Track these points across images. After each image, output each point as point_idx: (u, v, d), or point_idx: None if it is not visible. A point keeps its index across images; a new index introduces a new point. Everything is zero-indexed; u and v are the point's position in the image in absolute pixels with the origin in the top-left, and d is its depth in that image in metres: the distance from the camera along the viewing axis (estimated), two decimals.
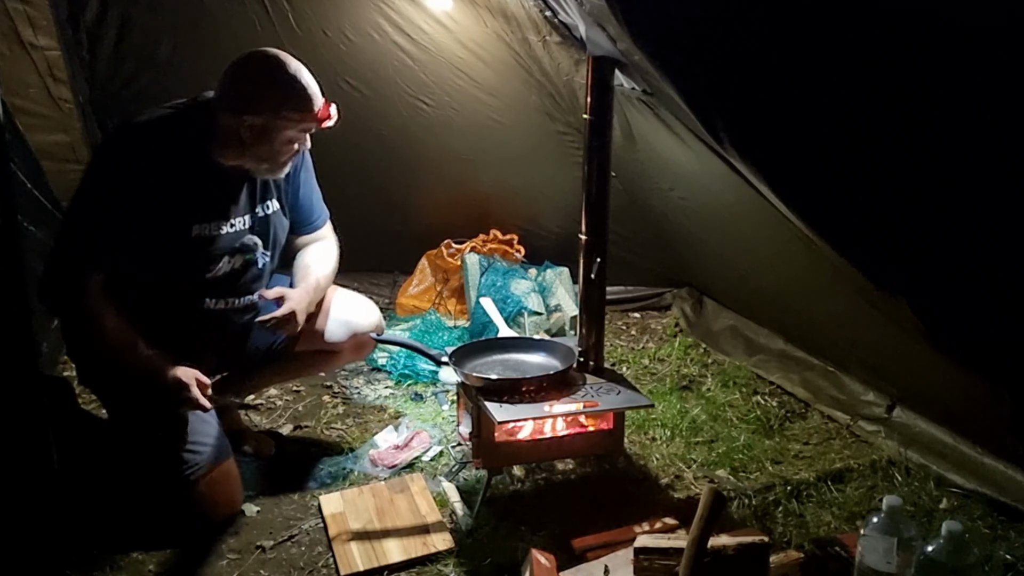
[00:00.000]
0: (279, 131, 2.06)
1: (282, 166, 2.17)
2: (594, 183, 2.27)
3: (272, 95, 2.03)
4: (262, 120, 2.03)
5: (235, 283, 2.24)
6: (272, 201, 2.28)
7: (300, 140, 2.14)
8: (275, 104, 2.03)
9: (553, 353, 2.41)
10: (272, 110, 2.03)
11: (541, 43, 3.19)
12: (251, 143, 2.07)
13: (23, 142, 2.91)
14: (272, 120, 2.04)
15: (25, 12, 2.94)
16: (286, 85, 2.04)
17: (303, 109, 2.06)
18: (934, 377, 2.28)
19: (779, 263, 2.67)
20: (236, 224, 2.18)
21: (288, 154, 2.14)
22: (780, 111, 1.67)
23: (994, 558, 1.99)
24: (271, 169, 2.15)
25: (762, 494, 2.31)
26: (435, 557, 2.04)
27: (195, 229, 2.10)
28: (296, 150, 2.15)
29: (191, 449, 2.12)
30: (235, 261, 2.21)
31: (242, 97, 2.04)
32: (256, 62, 2.06)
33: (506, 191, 3.77)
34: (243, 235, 2.21)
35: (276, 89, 2.04)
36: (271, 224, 2.28)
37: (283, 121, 2.05)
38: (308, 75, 2.09)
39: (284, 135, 2.08)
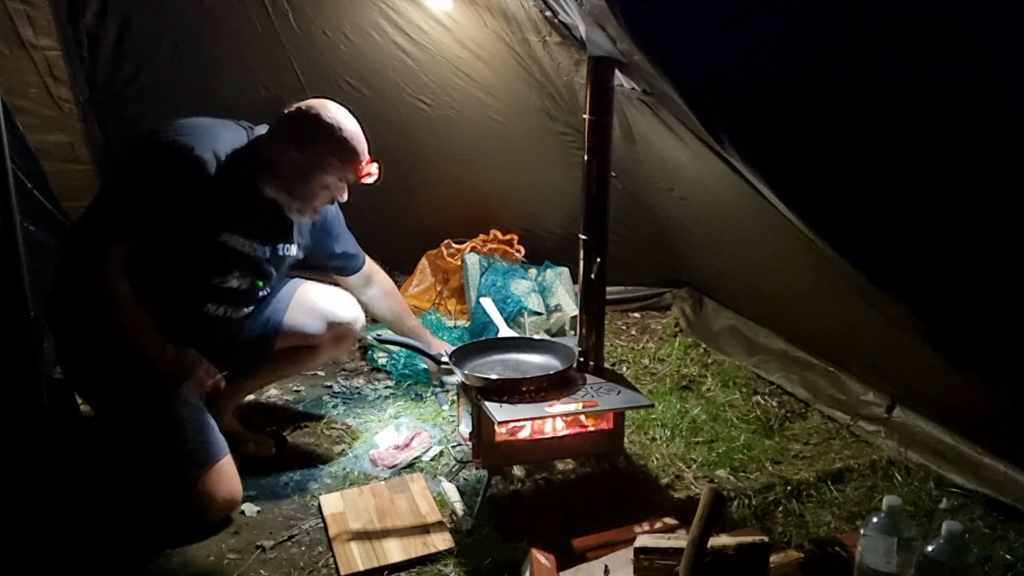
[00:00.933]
0: (319, 174, 2.17)
1: (313, 210, 2.27)
2: (594, 183, 2.27)
3: (322, 139, 2.15)
4: (306, 159, 2.15)
5: (238, 298, 2.32)
6: (292, 246, 2.39)
7: (337, 190, 2.24)
8: (323, 147, 2.15)
9: (553, 353, 2.41)
10: (318, 152, 2.15)
11: (541, 43, 3.20)
12: (290, 179, 2.17)
13: (23, 142, 2.91)
14: (315, 161, 2.16)
15: (25, 12, 2.95)
16: (338, 133, 2.16)
17: (346, 159, 2.18)
18: (934, 377, 2.28)
19: (779, 263, 2.67)
20: (258, 250, 2.27)
21: (322, 199, 2.24)
22: (780, 111, 1.68)
23: (994, 558, 1.99)
24: (302, 209, 2.25)
25: (762, 494, 2.31)
26: (435, 557, 2.04)
27: (223, 236, 2.18)
28: (330, 197, 2.25)
29: (189, 449, 2.12)
30: (243, 281, 2.29)
31: (294, 133, 2.16)
32: (318, 107, 2.18)
33: (506, 191, 3.77)
34: (262, 262, 2.30)
35: (327, 134, 2.15)
36: (282, 264, 2.40)
37: (325, 165, 2.16)
38: (359, 131, 2.22)
39: (323, 179, 2.19)
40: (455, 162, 3.67)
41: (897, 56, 1.51)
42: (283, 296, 2.51)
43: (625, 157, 3.03)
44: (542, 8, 3.06)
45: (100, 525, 2.12)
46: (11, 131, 2.58)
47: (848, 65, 1.56)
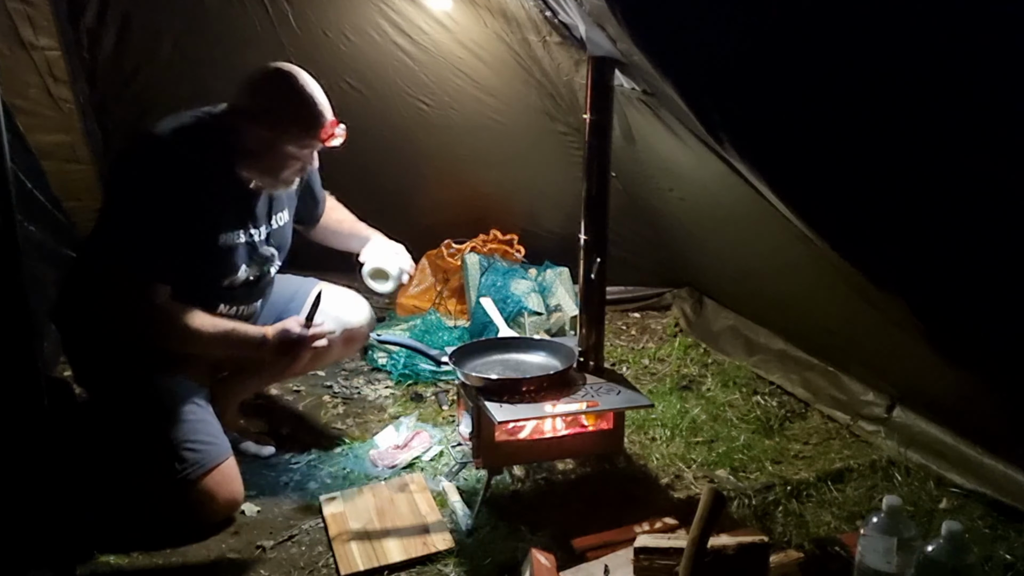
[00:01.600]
0: (281, 144, 2.10)
1: (284, 182, 2.21)
2: (594, 183, 2.27)
3: (278, 108, 2.08)
4: (266, 131, 2.08)
5: (249, 292, 2.31)
6: (284, 212, 2.35)
7: (303, 158, 2.17)
8: (280, 118, 2.08)
9: (553, 353, 2.41)
10: (276, 123, 2.08)
11: (541, 43, 3.19)
12: (257, 154, 2.11)
13: (23, 142, 2.91)
14: (276, 133, 2.08)
15: (25, 12, 2.95)
16: (293, 100, 2.08)
17: (305, 126, 2.10)
18: (934, 377, 2.28)
19: (779, 263, 2.67)
20: (255, 234, 2.24)
21: (290, 169, 2.17)
22: (780, 111, 1.67)
23: (994, 558, 1.99)
24: (273, 183, 2.19)
25: (762, 494, 2.31)
26: (435, 557, 2.04)
27: (222, 238, 2.15)
28: (300, 167, 2.19)
29: (190, 448, 2.12)
30: (252, 271, 2.27)
31: (251, 108, 2.09)
32: (269, 75, 2.11)
33: (506, 191, 3.77)
34: (261, 246, 2.27)
35: (283, 103, 2.08)
36: (283, 234, 2.37)
37: (285, 135, 2.09)
38: (320, 94, 2.12)
39: (286, 149, 2.11)
40: (455, 162, 3.67)
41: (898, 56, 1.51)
42: (296, 296, 2.50)
43: (625, 157, 3.03)
44: (542, 8, 3.06)
45: (100, 524, 2.12)
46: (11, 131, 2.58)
47: (849, 65, 1.56)
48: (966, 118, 1.52)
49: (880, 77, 1.55)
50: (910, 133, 1.59)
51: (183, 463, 2.10)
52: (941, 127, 1.55)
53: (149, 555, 2.07)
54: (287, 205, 2.36)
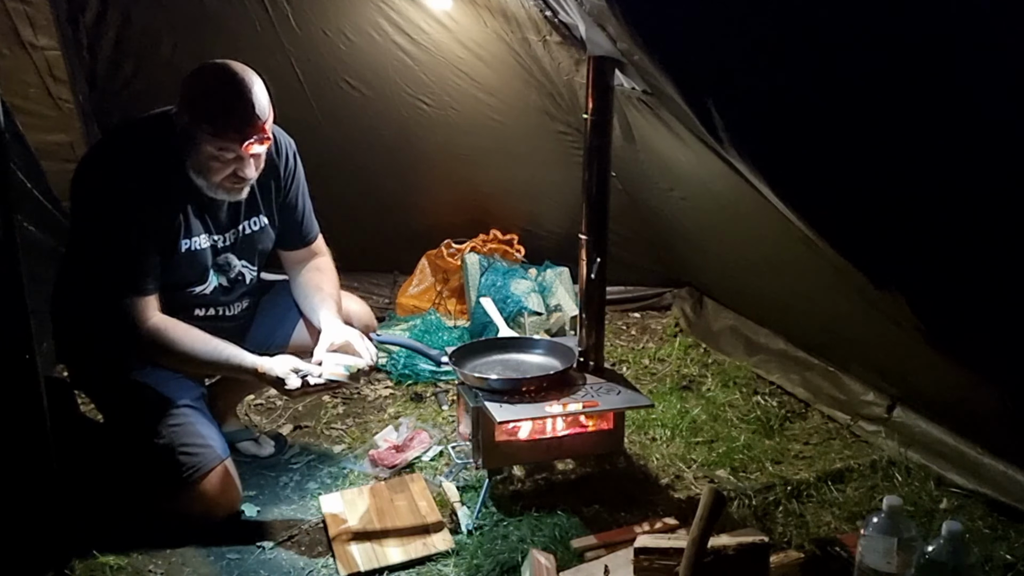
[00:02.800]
0: (201, 143, 1.99)
1: (221, 187, 2.07)
2: (594, 183, 2.27)
3: (198, 103, 1.98)
4: (188, 127, 1.99)
5: (224, 295, 2.26)
6: (260, 217, 2.27)
7: (228, 162, 2.02)
8: (197, 113, 1.98)
9: (553, 353, 2.41)
10: (194, 118, 1.98)
11: (541, 43, 3.19)
12: (185, 151, 2.03)
13: (23, 142, 2.91)
14: (194, 129, 1.98)
15: (25, 12, 2.94)
16: (213, 96, 1.97)
17: (219, 124, 1.96)
18: (934, 377, 2.28)
19: (779, 263, 2.67)
20: (218, 240, 2.19)
21: (221, 173, 2.04)
22: (780, 111, 1.67)
23: (994, 558, 1.99)
24: (210, 187, 2.07)
25: (762, 494, 2.31)
26: (435, 557, 2.04)
27: (183, 244, 2.11)
28: (232, 172, 2.05)
29: (186, 451, 2.11)
30: (222, 277, 2.23)
31: (180, 101, 2.01)
32: (201, 70, 2.02)
33: (506, 191, 3.77)
34: (223, 252, 2.21)
35: (203, 99, 1.98)
36: (255, 240, 2.28)
37: (201, 132, 1.98)
38: (250, 93, 1.98)
39: (205, 149, 2.00)
40: (455, 162, 3.67)
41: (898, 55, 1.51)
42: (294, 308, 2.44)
43: (625, 157, 3.03)
44: (542, 8, 3.06)
45: (101, 524, 2.12)
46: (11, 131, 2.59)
47: (849, 65, 1.56)
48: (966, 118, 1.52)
49: (880, 76, 1.54)
50: (910, 133, 1.59)
51: (180, 467, 2.09)
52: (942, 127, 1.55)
53: (149, 555, 2.07)
54: (264, 211, 2.27)
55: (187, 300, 2.19)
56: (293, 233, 2.39)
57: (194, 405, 2.19)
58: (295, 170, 2.33)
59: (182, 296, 2.18)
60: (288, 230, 2.38)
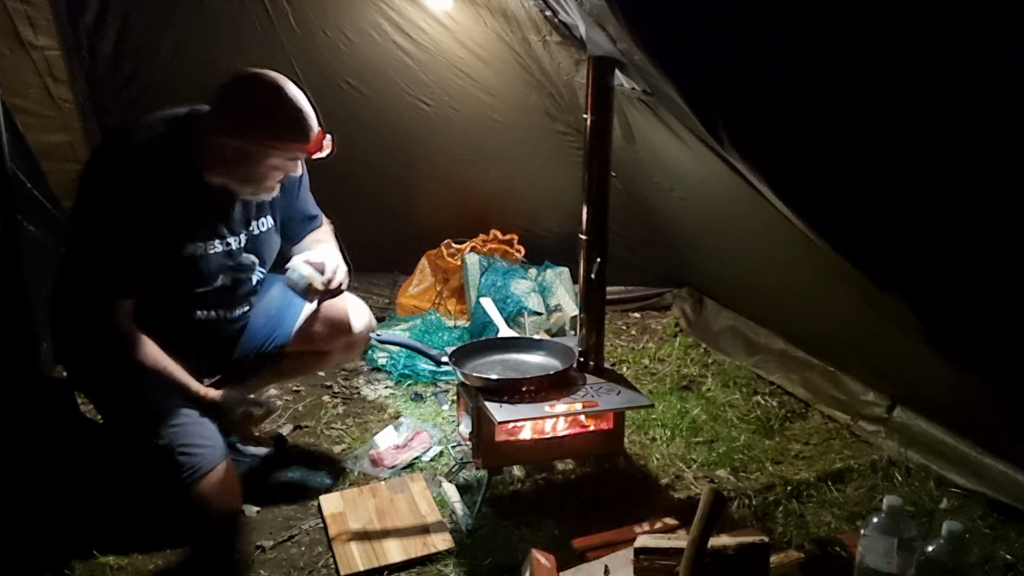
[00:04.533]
0: (266, 157, 2.03)
1: (267, 189, 2.13)
2: (594, 183, 2.27)
3: (264, 122, 2.00)
4: (250, 145, 2.01)
5: (227, 298, 2.26)
6: (267, 218, 2.28)
7: (288, 168, 2.10)
8: (265, 131, 2.00)
9: (553, 353, 2.41)
10: (262, 137, 2.00)
11: (541, 43, 3.19)
12: (237, 166, 2.04)
13: (23, 142, 2.91)
14: (260, 147, 2.01)
15: (25, 12, 2.95)
16: (279, 113, 2.00)
17: (292, 140, 2.03)
18: (934, 377, 2.28)
19: (779, 263, 2.67)
20: (231, 243, 2.19)
21: (274, 179, 2.11)
22: (780, 111, 1.67)
23: (994, 558, 1.99)
24: (255, 192, 2.13)
25: (762, 494, 2.31)
26: (435, 557, 2.04)
27: (187, 248, 2.10)
28: (283, 176, 2.13)
29: (186, 452, 2.11)
30: (227, 279, 2.22)
31: (234, 119, 2.00)
32: (253, 85, 2.02)
33: (506, 191, 3.77)
34: (238, 254, 2.22)
35: (268, 116, 2.00)
36: (264, 241, 2.29)
37: (271, 149, 2.02)
38: (305, 104, 2.04)
39: (271, 161, 2.05)
40: (455, 162, 3.67)
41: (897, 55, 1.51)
42: (295, 301, 2.45)
43: (625, 157, 3.03)
44: (542, 8, 3.06)
45: (101, 525, 2.12)
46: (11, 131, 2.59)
47: (849, 64, 1.56)
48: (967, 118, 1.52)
49: (880, 76, 1.55)
50: (911, 133, 1.59)
51: (179, 468, 2.09)
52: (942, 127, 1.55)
53: (149, 555, 2.06)
54: (269, 212, 2.29)
55: (190, 302, 2.19)
56: (300, 224, 2.43)
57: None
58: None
59: (186, 297, 2.17)
60: (295, 222, 2.41)
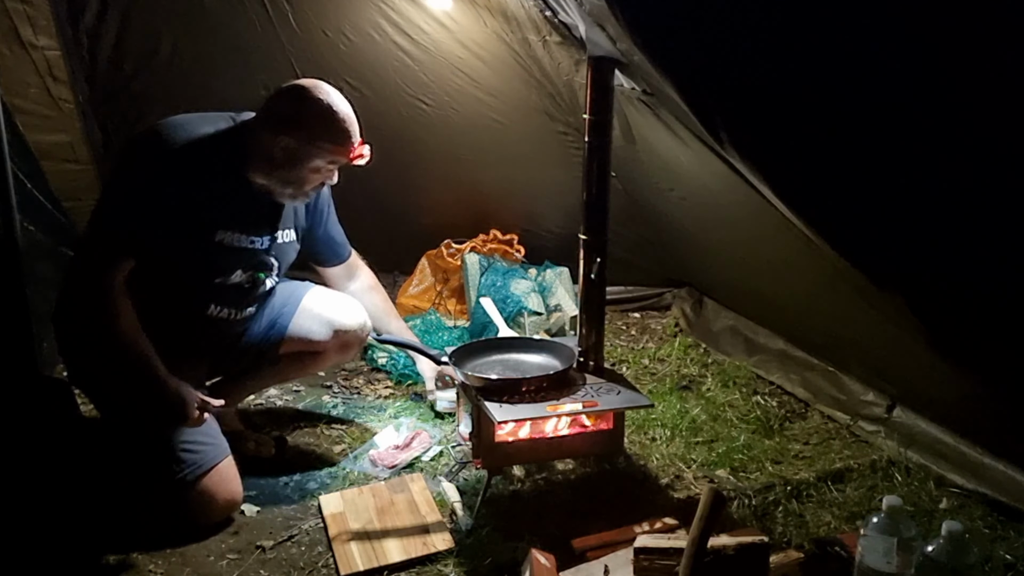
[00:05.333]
0: (310, 157, 2.12)
1: (305, 194, 2.23)
2: (594, 183, 2.27)
3: (312, 121, 2.10)
4: (296, 143, 2.10)
5: (241, 296, 2.29)
6: (290, 231, 2.35)
7: (328, 173, 2.20)
8: (313, 130, 2.10)
9: (553, 353, 2.41)
10: (308, 135, 2.10)
11: (541, 43, 3.19)
12: (281, 164, 2.13)
13: (23, 142, 2.91)
14: (306, 145, 2.10)
15: (25, 12, 2.95)
16: (328, 115, 2.11)
17: (338, 142, 2.13)
18: (934, 377, 2.28)
19: (779, 263, 2.67)
20: (256, 242, 2.24)
21: (313, 183, 2.20)
22: (780, 111, 1.67)
23: (994, 558, 1.99)
24: (294, 194, 2.21)
25: (762, 494, 2.31)
26: (435, 557, 2.04)
27: (219, 235, 2.15)
28: (322, 182, 2.22)
29: (189, 449, 2.12)
30: (246, 277, 2.26)
31: (284, 117, 2.11)
32: (307, 90, 2.13)
33: (506, 191, 3.77)
34: (261, 254, 2.27)
35: (318, 116, 2.10)
36: (285, 251, 2.36)
37: (316, 149, 2.11)
38: (351, 113, 2.16)
39: (314, 163, 2.14)
40: (455, 162, 3.67)
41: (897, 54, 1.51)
42: (290, 301, 2.48)
43: (625, 157, 3.03)
44: (542, 8, 3.05)
45: (100, 525, 2.12)
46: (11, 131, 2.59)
47: (848, 64, 1.56)
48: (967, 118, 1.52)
49: (880, 76, 1.55)
50: (911, 133, 1.59)
51: (181, 464, 2.10)
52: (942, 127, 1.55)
53: (149, 555, 2.06)
54: (293, 226, 2.37)
55: (207, 293, 2.21)
56: (332, 249, 2.55)
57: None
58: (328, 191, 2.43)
59: (205, 286, 2.20)
60: (326, 246, 2.53)
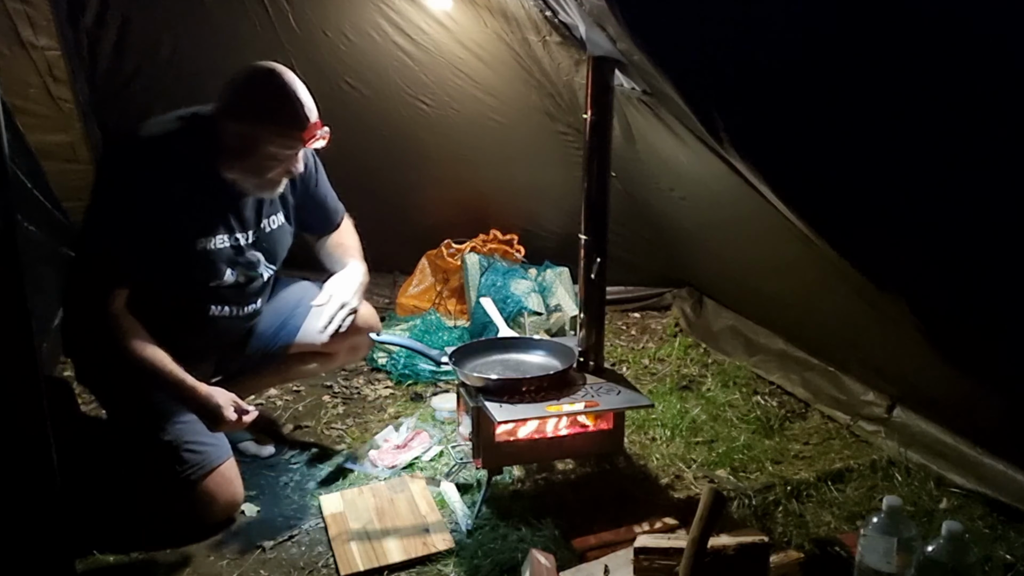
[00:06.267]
0: (262, 143, 2.05)
1: (269, 184, 2.14)
2: (594, 183, 2.27)
3: (259, 105, 2.04)
4: (247, 128, 2.04)
5: (240, 293, 2.27)
6: (278, 215, 2.31)
7: (286, 159, 2.10)
8: (260, 114, 2.03)
9: (553, 353, 2.41)
10: (256, 119, 2.03)
11: (541, 43, 3.19)
12: (237, 153, 2.07)
13: (23, 142, 2.91)
14: (256, 129, 2.04)
15: (25, 12, 2.95)
16: (275, 97, 2.04)
17: (286, 124, 2.04)
18: (934, 377, 2.28)
19: (779, 263, 2.67)
20: (240, 238, 2.21)
21: (273, 171, 2.11)
22: (780, 111, 1.68)
23: (994, 558, 1.99)
24: (260, 185, 2.14)
25: (762, 494, 2.31)
26: (435, 557, 2.04)
27: (200, 243, 2.13)
28: (285, 170, 2.12)
29: (191, 449, 2.12)
30: (239, 274, 2.24)
31: (232, 104, 2.05)
32: (253, 72, 2.07)
33: (506, 191, 3.77)
34: (247, 250, 2.23)
35: (264, 100, 2.04)
36: (276, 239, 2.31)
37: (266, 132, 2.04)
38: (304, 94, 2.07)
39: (267, 148, 2.06)
40: (455, 162, 3.67)
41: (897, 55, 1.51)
42: (302, 301, 2.46)
43: (625, 157, 3.03)
44: (542, 8, 3.06)
45: (101, 524, 2.12)
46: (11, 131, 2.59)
47: (849, 65, 1.57)
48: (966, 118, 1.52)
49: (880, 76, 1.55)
50: (910, 133, 1.59)
51: (183, 464, 2.10)
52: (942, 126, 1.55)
53: (149, 555, 2.07)
54: (281, 209, 2.31)
55: (205, 296, 2.21)
56: (321, 218, 2.46)
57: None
58: (314, 160, 2.37)
59: (200, 292, 2.19)
60: (316, 216, 2.44)
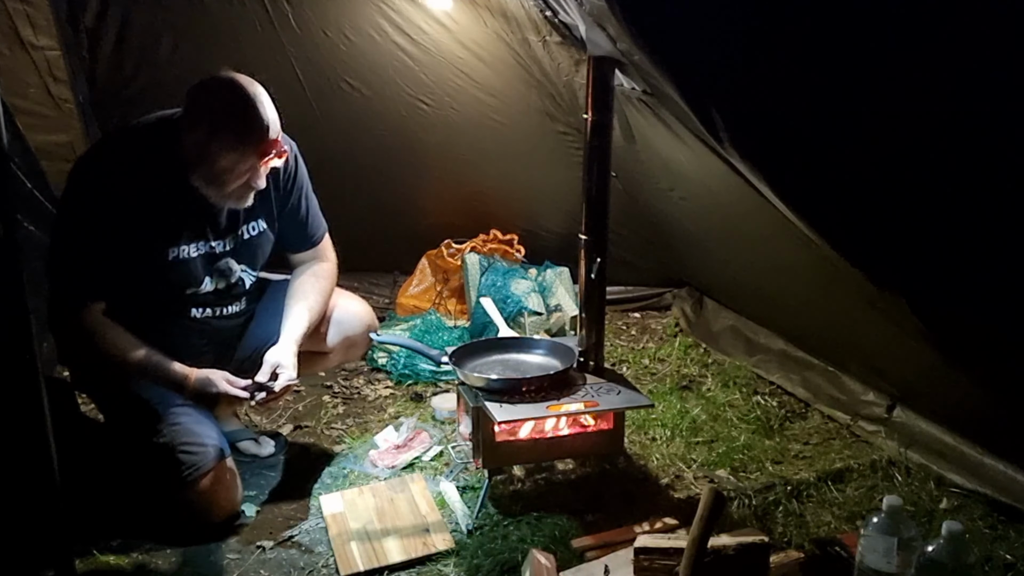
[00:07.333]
0: (217, 154, 2.00)
1: (233, 196, 2.09)
2: (594, 183, 2.27)
3: (214, 116, 2.00)
4: (203, 137, 2.00)
5: (221, 297, 2.27)
6: (259, 221, 2.28)
7: (244, 173, 2.05)
8: (214, 123, 1.99)
9: (553, 353, 2.41)
10: (211, 128, 1.99)
11: (541, 43, 3.19)
12: (195, 162, 2.04)
13: (23, 142, 2.91)
14: (210, 140, 1.99)
15: (25, 12, 2.94)
16: (230, 109, 2.00)
17: (239, 135, 2.00)
18: (934, 377, 2.28)
19: (779, 263, 2.67)
20: (215, 246, 2.19)
21: (234, 183, 2.06)
22: (780, 111, 1.67)
23: (994, 558, 1.99)
24: (219, 195, 2.09)
25: (762, 494, 2.31)
26: (435, 557, 2.04)
27: (171, 252, 2.11)
28: (245, 184, 2.07)
29: (189, 450, 2.11)
30: (217, 281, 2.24)
31: (189, 112, 2.03)
32: (213, 83, 2.04)
33: (506, 191, 3.77)
34: (223, 257, 2.22)
35: (220, 111, 2.00)
36: (255, 245, 2.29)
37: (219, 143, 1.99)
38: (267, 109, 2.02)
39: (221, 160, 2.01)
40: (455, 162, 3.67)
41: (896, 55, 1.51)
42: None
43: (625, 157, 3.03)
44: (542, 8, 3.06)
45: (101, 525, 2.12)
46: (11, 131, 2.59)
47: (849, 66, 1.56)
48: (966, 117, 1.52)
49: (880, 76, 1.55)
50: (910, 133, 1.59)
51: (181, 465, 2.09)
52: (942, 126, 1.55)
53: (149, 555, 2.07)
54: (263, 215, 2.27)
55: (184, 301, 2.20)
56: (297, 235, 2.40)
57: (194, 405, 2.19)
58: (296, 172, 2.33)
59: (178, 298, 2.19)
60: (292, 232, 2.39)
